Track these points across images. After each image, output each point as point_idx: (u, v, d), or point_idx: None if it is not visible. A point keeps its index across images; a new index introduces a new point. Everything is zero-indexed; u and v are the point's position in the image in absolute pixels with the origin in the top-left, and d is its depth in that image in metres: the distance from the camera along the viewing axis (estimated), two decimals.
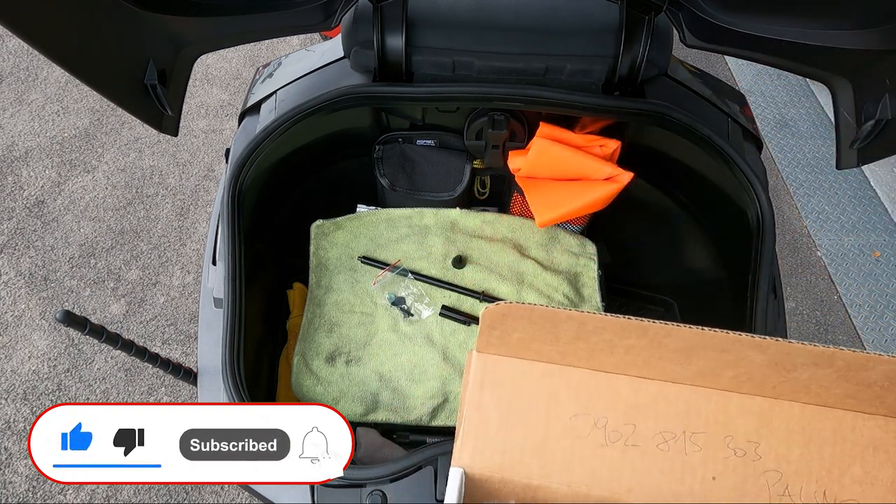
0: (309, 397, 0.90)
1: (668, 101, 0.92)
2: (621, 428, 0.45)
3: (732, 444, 0.44)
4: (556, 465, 0.45)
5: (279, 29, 0.88)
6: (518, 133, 1.07)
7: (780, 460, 0.43)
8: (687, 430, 0.44)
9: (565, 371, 0.46)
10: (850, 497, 0.43)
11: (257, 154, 0.89)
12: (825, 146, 2.28)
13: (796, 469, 0.43)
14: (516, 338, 0.44)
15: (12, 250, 1.89)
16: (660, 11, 0.86)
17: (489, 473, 0.45)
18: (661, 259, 1.27)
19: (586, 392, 0.46)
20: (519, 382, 0.46)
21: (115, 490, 1.52)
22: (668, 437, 0.44)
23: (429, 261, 1.03)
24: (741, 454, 0.44)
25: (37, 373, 1.68)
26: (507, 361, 0.47)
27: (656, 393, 0.45)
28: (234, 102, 2.32)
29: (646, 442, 0.44)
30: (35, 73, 2.34)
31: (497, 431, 0.45)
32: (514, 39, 0.93)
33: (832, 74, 0.83)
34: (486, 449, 0.45)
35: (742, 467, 0.43)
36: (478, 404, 0.46)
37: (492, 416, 0.46)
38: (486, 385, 0.46)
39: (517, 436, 0.45)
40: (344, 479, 0.66)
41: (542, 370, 0.46)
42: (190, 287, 1.85)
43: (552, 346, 0.44)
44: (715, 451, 0.44)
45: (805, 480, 0.43)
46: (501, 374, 0.47)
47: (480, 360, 0.47)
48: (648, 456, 0.44)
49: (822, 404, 0.44)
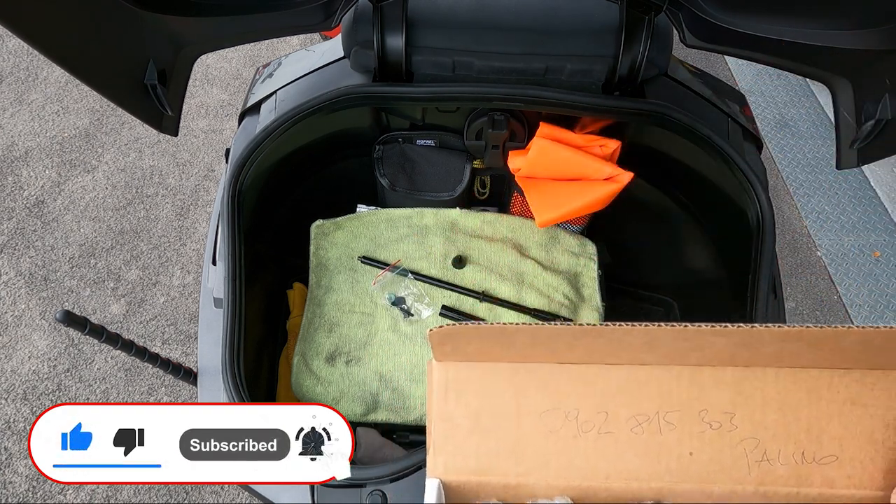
0: (309, 397, 0.90)
1: (668, 101, 0.92)
2: (593, 417, 0.45)
3: (707, 418, 0.44)
4: (532, 462, 0.45)
5: (279, 29, 0.88)
6: (518, 133, 1.07)
7: (756, 427, 0.44)
8: (660, 411, 0.45)
9: (531, 368, 0.46)
10: (829, 453, 0.43)
11: (257, 154, 0.89)
12: (825, 146, 2.28)
13: (773, 434, 0.44)
14: (472, 348, 0.44)
15: (12, 250, 1.89)
16: (660, 11, 0.86)
17: (465, 479, 0.45)
18: (661, 259, 1.27)
19: (554, 386, 0.45)
20: (484, 385, 0.46)
21: (115, 490, 1.52)
22: (641, 419, 0.45)
23: (429, 261, 1.03)
24: (717, 426, 0.44)
25: (37, 373, 1.68)
26: (469, 366, 0.46)
27: (626, 378, 0.45)
28: (234, 102, 2.32)
29: (619, 428, 0.45)
30: (35, 73, 2.34)
31: (468, 437, 0.45)
32: (514, 39, 0.93)
33: (832, 74, 0.83)
34: (459, 456, 0.45)
35: (718, 439, 0.44)
36: (444, 414, 0.46)
37: (461, 423, 0.45)
38: (451, 392, 0.46)
39: (490, 439, 0.45)
40: (344, 479, 0.66)
41: (506, 370, 0.46)
42: (190, 287, 1.85)
43: (510, 350, 0.44)
44: (690, 427, 0.44)
45: (783, 444, 0.44)
46: (465, 380, 0.46)
47: (441, 369, 0.46)
48: (623, 441, 0.44)
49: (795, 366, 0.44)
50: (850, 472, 0.43)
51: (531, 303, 1.00)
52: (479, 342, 0.43)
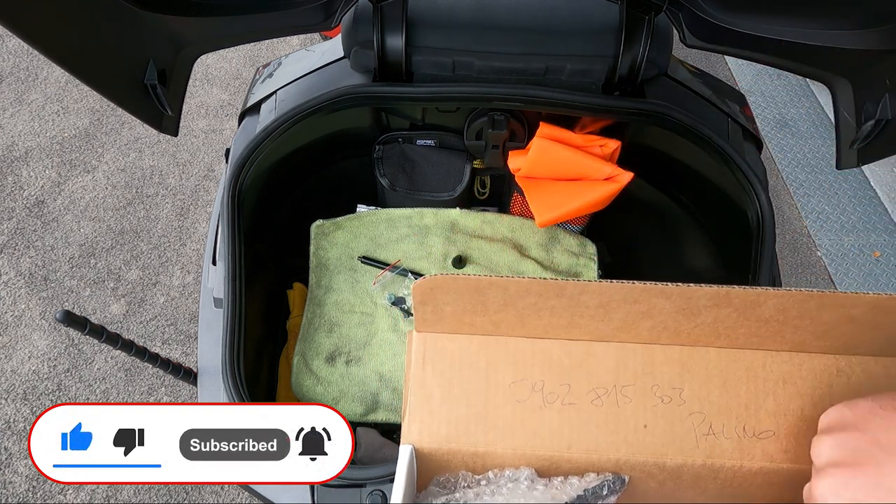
0: (309, 397, 0.90)
1: (669, 101, 0.92)
2: (557, 389, 0.47)
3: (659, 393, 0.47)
4: (500, 431, 0.47)
5: (279, 29, 0.88)
6: (518, 133, 1.07)
7: (702, 402, 0.47)
8: (617, 384, 0.47)
9: (500, 341, 0.48)
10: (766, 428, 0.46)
11: (257, 154, 0.89)
12: (825, 146, 2.29)
13: (718, 408, 0.46)
14: (449, 311, 0.46)
15: (12, 250, 1.89)
16: (660, 11, 0.86)
17: (437, 446, 0.47)
18: (661, 259, 1.27)
19: (522, 359, 0.48)
20: (458, 356, 0.48)
21: (114, 490, 1.52)
22: (600, 392, 0.47)
23: (429, 261, 1.03)
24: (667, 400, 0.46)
25: (37, 373, 1.68)
26: (445, 338, 0.49)
27: (586, 352, 0.48)
28: (234, 102, 2.32)
29: (580, 399, 0.47)
30: (35, 73, 2.34)
31: (441, 405, 0.47)
32: (514, 39, 0.93)
33: (832, 74, 0.83)
34: (433, 423, 0.47)
35: (669, 413, 0.46)
36: (421, 381, 0.48)
37: (435, 392, 0.48)
38: (428, 362, 0.48)
39: (460, 407, 0.47)
40: (344, 479, 0.66)
41: (479, 342, 0.48)
42: (190, 287, 1.85)
43: (483, 316, 0.46)
44: (644, 401, 0.47)
45: (726, 418, 0.46)
46: (441, 350, 0.48)
47: (420, 339, 0.49)
48: (584, 412, 0.47)
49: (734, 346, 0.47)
50: (786, 447, 0.46)
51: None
52: (454, 302, 0.44)
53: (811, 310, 0.42)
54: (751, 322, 0.44)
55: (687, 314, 0.44)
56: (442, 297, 0.44)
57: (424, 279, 0.42)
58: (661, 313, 0.44)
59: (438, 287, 0.43)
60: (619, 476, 0.47)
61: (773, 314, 0.43)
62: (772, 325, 0.44)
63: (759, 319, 0.44)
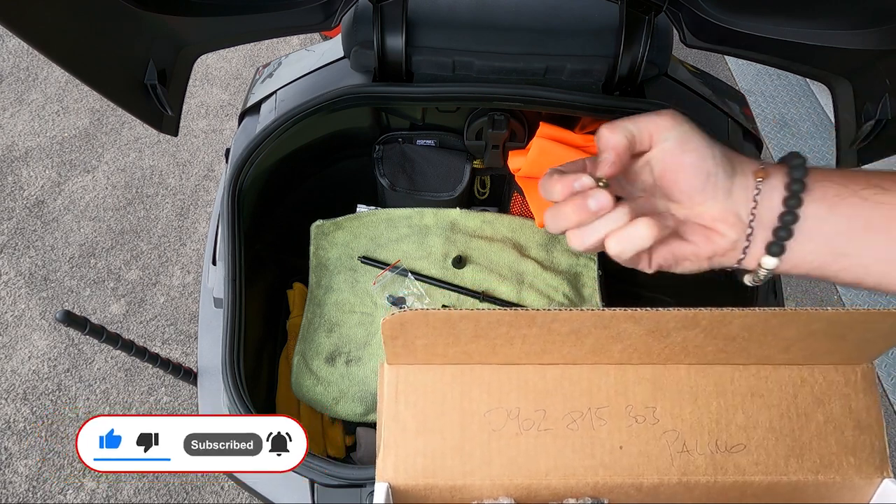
0: (309, 397, 0.90)
1: (669, 101, 0.92)
2: (532, 415, 0.47)
3: (633, 413, 0.47)
4: (477, 461, 0.46)
5: (279, 29, 0.88)
6: (518, 133, 1.07)
7: (675, 420, 0.47)
8: (592, 407, 0.47)
9: (474, 370, 0.48)
10: (738, 442, 0.47)
11: (257, 154, 0.89)
12: (825, 146, 2.29)
13: (690, 425, 0.47)
14: (421, 344, 0.45)
15: (12, 250, 1.89)
16: (660, 11, 0.86)
17: (413, 482, 0.46)
18: None
19: (496, 386, 0.48)
20: (431, 387, 0.47)
21: (114, 490, 1.52)
22: (575, 416, 0.47)
23: (429, 261, 1.03)
24: (641, 420, 0.47)
25: (37, 373, 1.68)
26: (418, 369, 0.48)
27: (559, 376, 0.48)
28: (234, 102, 2.32)
29: (556, 424, 0.47)
30: (35, 73, 2.34)
31: (416, 438, 0.47)
32: (514, 39, 0.93)
33: (832, 74, 0.83)
34: (409, 457, 0.46)
35: (644, 432, 0.47)
36: (394, 415, 0.47)
37: (409, 425, 0.47)
38: (401, 394, 0.47)
39: (436, 439, 0.47)
40: (344, 479, 0.66)
41: (452, 372, 0.48)
42: (190, 287, 1.85)
43: (455, 346, 0.45)
44: (619, 422, 0.47)
45: (699, 434, 0.47)
46: (413, 382, 0.48)
47: (392, 371, 0.48)
48: (560, 437, 0.47)
49: (703, 363, 0.48)
50: (757, 459, 0.46)
51: (531, 303, 1.00)
52: (426, 335, 0.44)
53: (774, 327, 0.43)
54: (718, 340, 0.45)
55: (656, 336, 0.44)
56: (413, 332, 0.44)
57: (394, 315, 0.42)
58: (631, 336, 0.44)
59: (409, 322, 0.43)
60: (597, 500, 0.47)
61: (738, 332, 0.44)
62: (738, 341, 0.45)
63: (727, 337, 0.44)
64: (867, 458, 0.47)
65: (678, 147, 0.43)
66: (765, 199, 0.42)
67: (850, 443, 0.47)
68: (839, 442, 0.47)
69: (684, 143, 0.43)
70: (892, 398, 1.79)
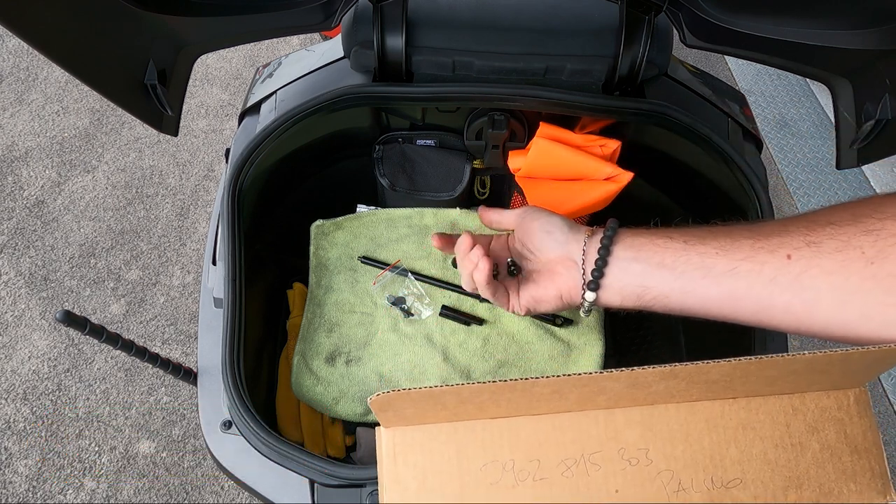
0: (309, 397, 0.90)
1: (669, 101, 0.92)
2: (527, 466, 0.47)
3: (626, 455, 0.47)
4: None
5: (279, 29, 0.88)
6: (518, 133, 1.07)
7: (668, 459, 0.47)
8: (584, 453, 0.47)
9: (468, 426, 0.49)
10: (733, 477, 0.46)
11: (257, 154, 0.89)
12: (825, 146, 2.29)
13: (684, 464, 0.47)
14: (410, 413, 0.47)
15: (12, 250, 1.89)
16: (660, 11, 0.86)
17: None
18: None
19: (490, 440, 0.48)
20: (427, 446, 0.49)
21: (114, 490, 1.52)
22: (569, 463, 0.47)
23: (429, 261, 1.03)
24: (635, 462, 0.47)
25: (37, 373, 1.68)
26: (413, 429, 0.49)
27: (550, 425, 0.48)
28: (234, 102, 2.32)
29: (551, 473, 0.47)
30: (35, 73, 2.34)
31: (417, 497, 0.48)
32: (514, 39, 0.93)
33: (832, 74, 0.83)
34: None
35: (638, 474, 0.46)
36: (394, 476, 0.48)
37: (410, 485, 0.48)
38: (399, 455, 0.48)
39: (435, 497, 0.47)
40: (344, 479, 0.66)
41: (446, 430, 0.49)
42: (190, 287, 1.85)
43: (444, 411, 0.47)
44: (613, 466, 0.47)
45: (693, 472, 0.46)
46: (410, 442, 0.49)
47: (388, 434, 0.49)
48: (556, 485, 0.47)
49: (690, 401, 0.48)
50: (755, 493, 0.46)
51: None
52: (413, 406, 0.45)
53: (753, 371, 0.43)
54: (700, 385, 0.45)
55: (638, 388, 0.45)
56: (400, 405, 0.45)
57: (378, 396, 0.43)
58: (613, 390, 0.45)
59: (394, 400, 0.44)
60: None
61: (719, 378, 0.44)
62: (721, 384, 0.45)
63: (708, 381, 0.45)
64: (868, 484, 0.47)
65: (529, 217, 0.68)
66: (590, 249, 0.59)
67: (849, 469, 0.47)
68: (837, 469, 0.47)
69: (532, 216, 0.68)
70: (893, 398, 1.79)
